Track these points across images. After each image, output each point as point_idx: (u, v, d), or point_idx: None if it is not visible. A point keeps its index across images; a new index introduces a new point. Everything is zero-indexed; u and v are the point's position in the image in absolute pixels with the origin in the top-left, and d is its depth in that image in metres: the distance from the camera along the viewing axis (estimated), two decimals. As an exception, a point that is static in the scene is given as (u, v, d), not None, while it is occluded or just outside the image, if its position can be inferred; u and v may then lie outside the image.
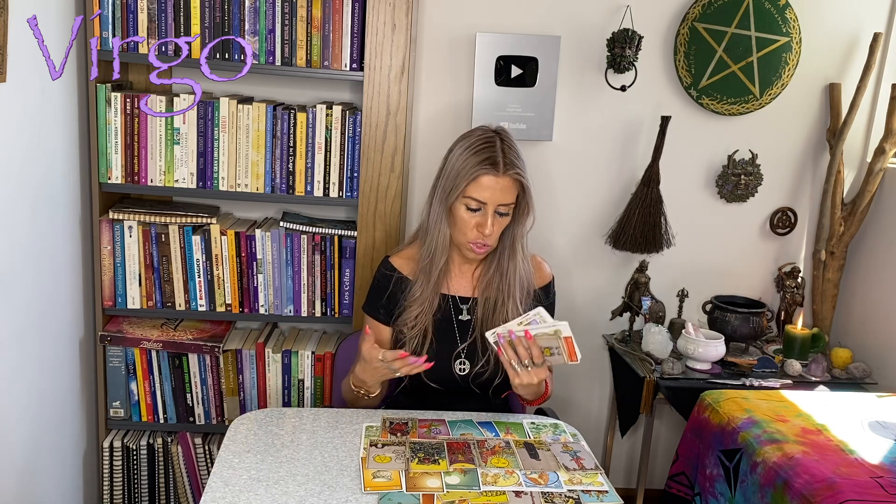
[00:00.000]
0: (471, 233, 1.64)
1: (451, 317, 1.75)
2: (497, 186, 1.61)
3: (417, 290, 1.71)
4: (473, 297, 1.76)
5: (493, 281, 1.73)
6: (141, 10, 2.02)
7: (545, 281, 1.81)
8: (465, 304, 1.76)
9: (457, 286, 1.77)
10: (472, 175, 1.60)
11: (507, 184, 1.62)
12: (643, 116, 2.45)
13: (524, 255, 1.73)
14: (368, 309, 1.80)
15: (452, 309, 1.75)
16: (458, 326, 1.74)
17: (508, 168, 1.60)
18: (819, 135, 2.52)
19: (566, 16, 2.35)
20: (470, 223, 1.64)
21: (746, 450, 1.78)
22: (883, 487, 1.55)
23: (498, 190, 1.61)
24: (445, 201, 1.65)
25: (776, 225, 2.57)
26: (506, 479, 1.38)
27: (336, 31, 2.08)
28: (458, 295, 1.76)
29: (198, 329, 2.27)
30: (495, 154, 1.60)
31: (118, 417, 2.26)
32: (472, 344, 1.73)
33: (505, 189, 1.61)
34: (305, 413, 1.66)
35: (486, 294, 1.73)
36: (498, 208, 1.63)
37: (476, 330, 1.73)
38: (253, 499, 1.29)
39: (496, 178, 1.60)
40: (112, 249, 2.15)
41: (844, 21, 2.43)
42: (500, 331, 1.53)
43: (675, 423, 2.63)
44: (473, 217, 1.63)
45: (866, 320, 2.47)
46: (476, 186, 1.61)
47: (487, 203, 1.61)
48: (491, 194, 1.61)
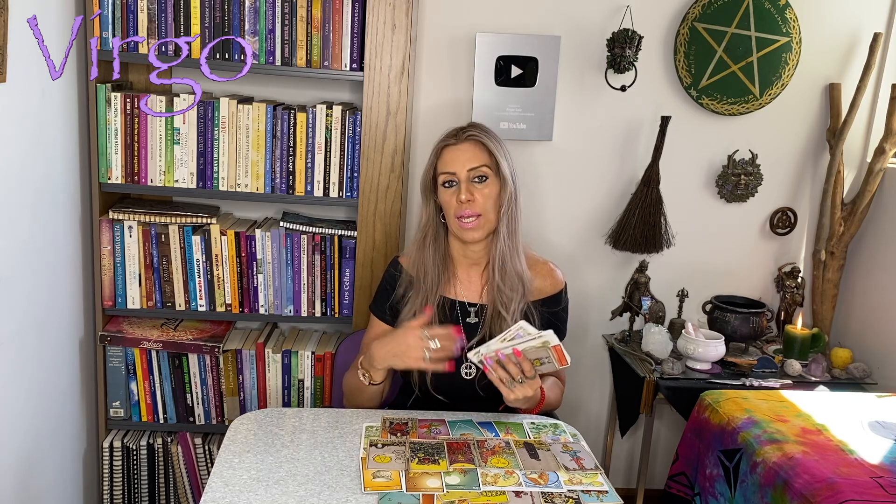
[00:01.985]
0: (455, 209, 1.68)
1: (459, 321, 1.75)
2: (459, 153, 1.69)
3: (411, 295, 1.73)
4: (481, 303, 1.75)
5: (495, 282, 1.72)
6: (141, 10, 2.02)
7: (557, 288, 1.81)
8: (472, 308, 1.76)
9: (465, 292, 1.77)
10: (437, 154, 1.72)
11: (468, 147, 1.69)
12: (643, 116, 2.45)
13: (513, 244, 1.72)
14: (375, 309, 1.81)
15: (460, 313, 1.75)
16: (465, 331, 1.73)
17: (468, 133, 1.70)
18: (819, 135, 2.52)
19: (566, 16, 2.35)
20: (451, 201, 1.69)
21: (746, 450, 1.78)
22: (883, 487, 1.55)
23: (460, 155, 1.68)
24: (424, 187, 1.75)
25: (776, 225, 2.57)
26: (506, 479, 1.38)
27: (336, 31, 2.09)
28: (466, 300, 1.76)
29: (198, 329, 2.27)
30: (457, 129, 1.73)
31: (118, 417, 2.26)
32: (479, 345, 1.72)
33: (468, 153, 1.68)
34: (305, 413, 1.66)
35: (492, 297, 1.73)
36: (470, 175, 1.68)
37: (483, 333, 1.72)
38: (253, 499, 1.29)
39: (456, 146, 1.70)
40: (112, 249, 2.15)
41: (844, 21, 2.43)
42: (484, 351, 1.53)
43: (675, 423, 2.63)
44: (452, 192, 1.69)
45: (866, 320, 2.47)
46: (442, 162, 1.71)
47: (456, 172, 1.68)
48: (456, 163, 1.68)
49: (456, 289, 1.77)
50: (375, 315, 1.80)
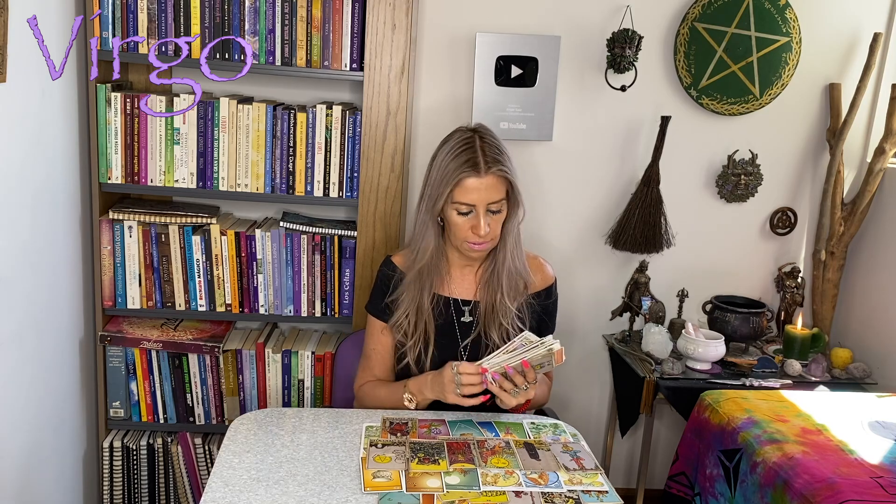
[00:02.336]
0: (467, 234, 1.64)
1: (453, 319, 1.75)
2: (482, 187, 1.60)
3: (403, 296, 1.72)
4: (475, 300, 1.76)
5: (490, 280, 1.73)
6: (141, 10, 2.02)
7: (547, 283, 1.81)
8: (466, 307, 1.76)
9: (458, 289, 1.76)
10: (454, 180, 1.60)
11: (492, 182, 1.61)
12: (643, 116, 2.44)
13: (517, 248, 1.72)
14: (372, 309, 1.80)
15: (454, 311, 1.75)
16: (459, 329, 1.74)
17: (490, 166, 1.60)
18: (819, 135, 2.52)
19: (566, 16, 2.35)
20: (464, 227, 1.64)
21: (746, 450, 1.78)
22: (883, 487, 1.55)
23: (483, 190, 1.60)
24: (432, 210, 1.65)
25: (776, 225, 2.57)
26: (506, 479, 1.38)
27: (336, 31, 2.08)
28: (460, 298, 1.76)
29: (198, 329, 2.27)
30: (475, 155, 1.60)
31: (118, 417, 2.26)
32: (475, 345, 1.73)
33: (490, 187, 1.61)
34: (305, 413, 1.66)
35: (487, 294, 1.73)
36: (489, 206, 1.62)
37: (478, 331, 1.73)
38: (253, 499, 1.29)
39: (479, 178, 1.59)
40: (112, 249, 2.15)
41: (844, 21, 2.43)
42: (489, 366, 1.53)
43: (675, 423, 2.63)
44: (467, 220, 1.63)
45: (866, 320, 2.47)
46: (461, 191, 1.60)
47: (476, 204, 1.61)
48: (477, 195, 1.60)
49: (450, 286, 1.76)
50: (373, 314, 1.80)
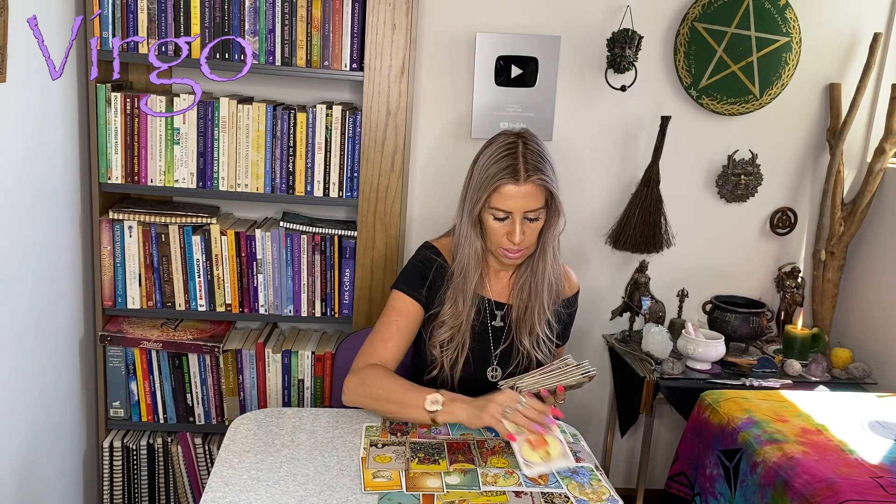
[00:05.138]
0: (501, 240, 1.61)
1: (487, 322, 1.72)
2: (520, 194, 1.56)
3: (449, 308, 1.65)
4: (508, 304, 1.72)
5: (525, 285, 1.69)
6: (141, 10, 2.02)
7: (573, 290, 1.80)
8: (499, 311, 1.72)
9: (494, 290, 1.73)
10: (493, 185, 1.56)
11: (531, 190, 1.56)
12: (643, 116, 2.45)
13: (555, 259, 1.69)
14: (406, 288, 1.69)
15: (488, 314, 1.72)
16: (491, 332, 1.72)
17: (530, 174, 1.56)
18: (819, 135, 2.52)
19: (566, 16, 2.35)
20: (500, 232, 1.61)
21: (746, 450, 1.78)
22: (883, 487, 1.55)
23: (521, 197, 1.56)
24: (471, 213, 1.62)
25: (776, 225, 2.57)
26: (506, 480, 1.38)
27: (336, 31, 2.09)
28: (494, 299, 1.72)
29: (198, 329, 2.27)
30: (516, 161, 1.56)
31: (118, 417, 2.26)
32: (506, 350, 1.71)
33: (529, 195, 1.56)
34: (305, 413, 1.66)
35: (520, 299, 1.70)
36: (526, 214, 1.58)
37: (510, 338, 1.70)
38: (253, 499, 1.29)
39: (517, 186, 1.55)
40: (112, 249, 2.15)
41: (844, 21, 2.43)
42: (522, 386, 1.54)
43: (675, 423, 2.63)
44: (502, 226, 1.60)
45: (866, 320, 2.47)
46: (498, 196, 1.57)
47: (513, 211, 1.58)
48: (514, 202, 1.56)
49: (488, 286, 1.72)
50: (408, 294, 1.68)
